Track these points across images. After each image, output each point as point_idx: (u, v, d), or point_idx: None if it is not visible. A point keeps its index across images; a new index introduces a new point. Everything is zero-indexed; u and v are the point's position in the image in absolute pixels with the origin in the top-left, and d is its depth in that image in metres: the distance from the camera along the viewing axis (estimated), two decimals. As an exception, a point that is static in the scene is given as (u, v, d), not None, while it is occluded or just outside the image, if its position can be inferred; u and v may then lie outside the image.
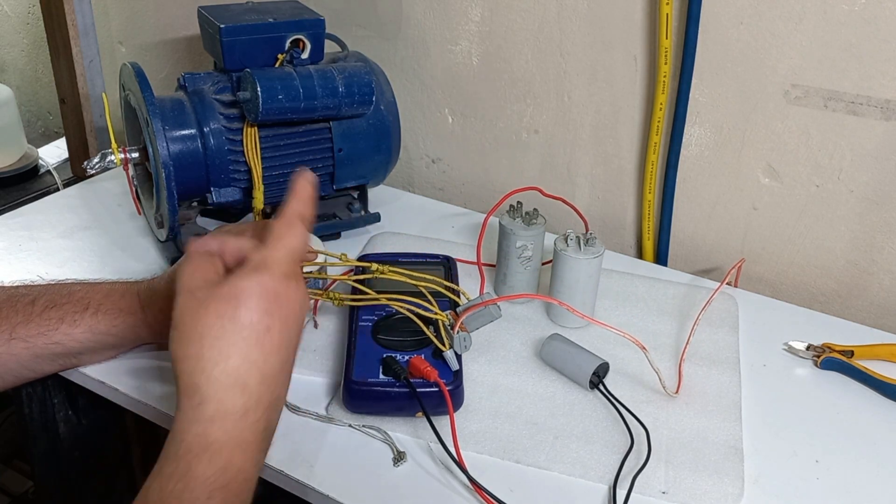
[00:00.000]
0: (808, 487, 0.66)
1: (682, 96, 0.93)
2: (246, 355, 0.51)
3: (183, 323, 0.53)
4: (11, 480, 1.56)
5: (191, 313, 0.52)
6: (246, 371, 0.51)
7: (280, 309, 0.53)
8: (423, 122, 1.15)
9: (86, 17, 1.20)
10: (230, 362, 0.51)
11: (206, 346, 0.51)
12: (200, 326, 0.52)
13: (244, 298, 0.52)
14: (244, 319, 0.51)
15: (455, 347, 0.70)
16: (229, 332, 0.51)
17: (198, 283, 0.54)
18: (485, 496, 0.62)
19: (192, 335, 0.52)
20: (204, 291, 0.53)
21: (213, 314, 0.52)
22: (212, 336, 0.51)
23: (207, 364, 0.51)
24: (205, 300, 0.52)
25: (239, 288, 0.52)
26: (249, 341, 0.51)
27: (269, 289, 0.53)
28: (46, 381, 0.93)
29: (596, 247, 0.80)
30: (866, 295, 0.93)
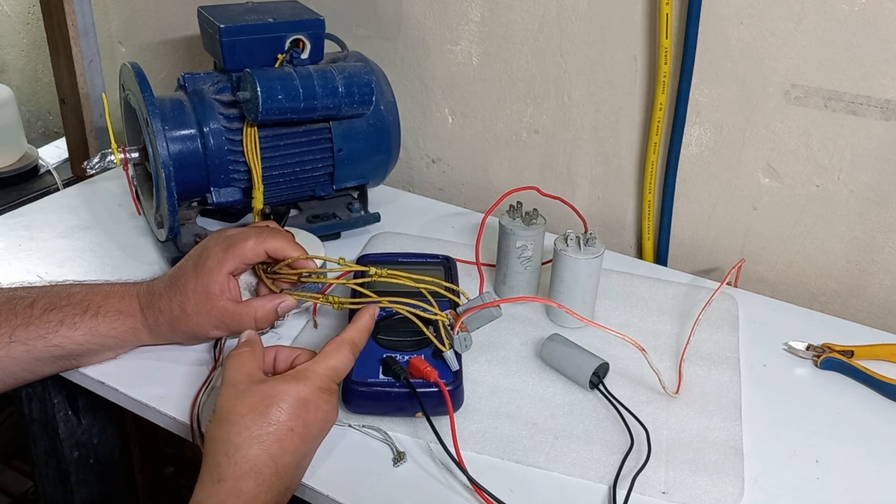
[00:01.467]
0: (808, 487, 0.66)
1: (682, 96, 0.93)
2: (266, 449, 0.58)
3: (221, 409, 0.60)
4: (11, 480, 1.56)
5: (230, 402, 0.60)
6: (263, 462, 0.57)
7: (307, 415, 0.60)
8: (423, 122, 1.15)
9: (86, 17, 1.20)
10: (251, 451, 0.57)
11: (234, 432, 0.58)
12: (234, 415, 0.58)
13: (278, 400, 0.59)
14: (272, 417, 0.58)
15: (455, 347, 0.70)
16: (257, 425, 0.58)
17: (241, 378, 0.61)
18: (485, 496, 0.62)
19: (225, 421, 0.59)
20: (245, 385, 0.61)
21: (248, 407, 0.59)
22: (241, 425, 0.58)
23: (231, 448, 0.57)
24: (243, 392, 0.60)
25: (276, 389, 0.60)
26: (272, 437, 0.58)
27: (301, 396, 0.60)
28: (46, 381, 0.93)
29: (596, 247, 0.80)
30: (866, 295, 0.93)
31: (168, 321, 0.73)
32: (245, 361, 0.63)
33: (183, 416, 0.69)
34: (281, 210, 0.83)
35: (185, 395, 0.71)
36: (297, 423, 0.59)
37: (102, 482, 1.03)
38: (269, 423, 0.58)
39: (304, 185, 0.95)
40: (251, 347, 0.65)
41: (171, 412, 0.70)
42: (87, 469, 1.00)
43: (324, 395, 0.62)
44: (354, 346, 0.67)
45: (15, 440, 1.56)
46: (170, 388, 0.72)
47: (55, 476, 0.98)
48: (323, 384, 0.62)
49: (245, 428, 0.58)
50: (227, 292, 0.73)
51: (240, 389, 0.60)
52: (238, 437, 0.57)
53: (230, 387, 0.61)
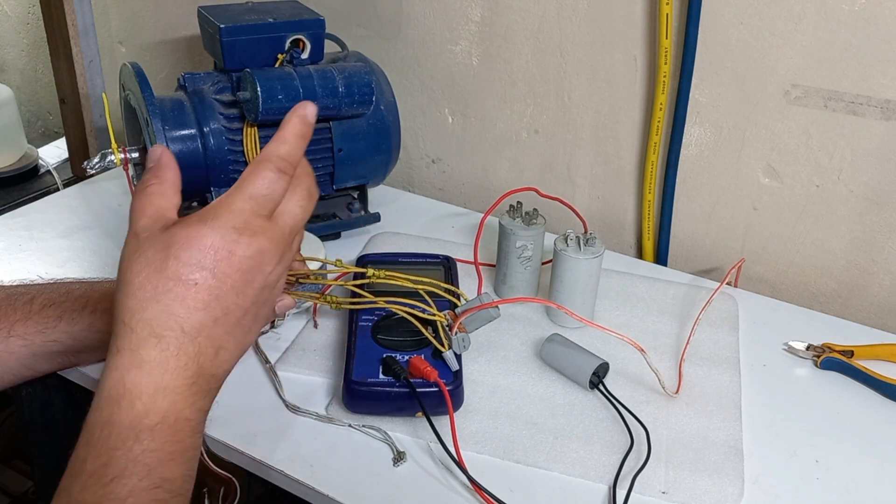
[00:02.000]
0: (808, 487, 0.66)
1: (682, 96, 0.93)
2: (165, 308, 0.48)
3: (120, 268, 0.50)
4: (11, 480, 1.56)
5: (127, 258, 0.50)
6: (163, 323, 0.49)
7: (216, 264, 0.49)
8: (423, 122, 1.16)
9: (86, 17, 1.20)
10: (147, 313, 0.49)
11: (129, 294, 0.49)
12: (130, 273, 0.49)
13: (175, 249, 0.49)
14: (170, 271, 0.49)
15: (454, 348, 0.70)
16: (152, 283, 0.49)
17: (144, 223, 0.51)
18: (485, 496, 0.62)
19: (122, 282, 0.50)
20: (147, 233, 0.50)
21: (143, 262, 0.49)
22: (135, 285, 0.49)
23: (126, 313, 0.49)
24: (141, 245, 0.50)
25: (176, 237, 0.49)
26: (170, 295, 0.48)
27: (208, 243, 0.49)
28: (47, 381, 0.93)
29: (596, 247, 0.80)
30: (866, 295, 0.93)
31: None
32: (152, 201, 0.52)
33: (183, 416, 0.69)
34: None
35: (185, 395, 0.71)
36: (204, 276, 0.49)
37: (102, 482, 1.03)
38: (167, 277, 0.48)
39: (304, 185, 0.94)
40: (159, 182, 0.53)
41: (171, 412, 0.70)
42: (87, 469, 1.00)
43: (241, 236, 0.50)
44: (280, 161, 0.53)
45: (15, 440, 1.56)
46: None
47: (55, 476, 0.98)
48: (238, 222, 0.50)
49: (140, 287, 0.48)
50: None
51: (140, 239, 0.50)
52: (132, 300, 0.49)
53: (133, 236, 0.51)
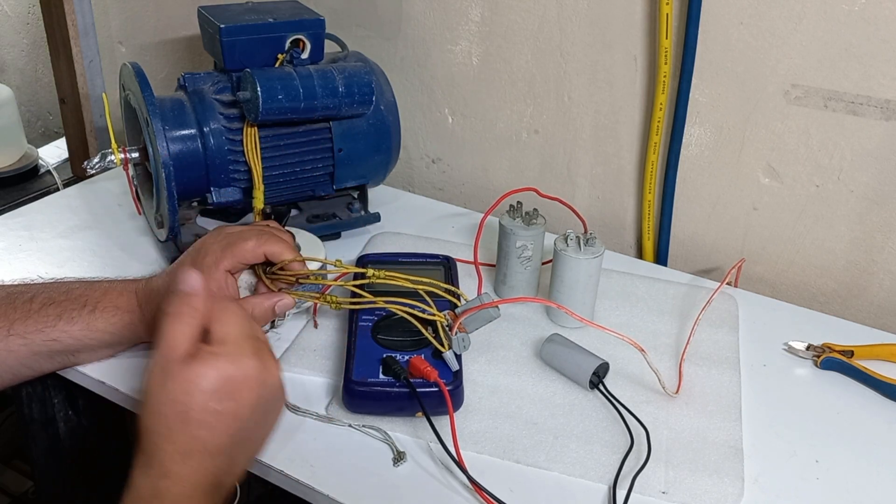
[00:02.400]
0: (808, 487, 0.66)
1: (682, 96, 0.93)
2: (193, 436, 0.55)
3: (147, 392, 0.56)
4: (11, 480, 1.56)
5: (156, 389, 0.56)
6: (190, 445, 0.55)
7: (235, 391, 0.56)
8: (423, 122, 1.15)
9: (86, 17, 1.20)
10: (177, 439, 0.54)
11: (157, 422, 0.55)
12: (157, 403, 0.55)
13: (198, 385, 0.55)
14: (195, 403, 0.55)
15: (454, 348, 0.70)
16: (180, 415, 0.55)
17: (167, 353, 0.56)
18: (485, 496, 0.62)
19: (150, 408, 0.55)
20: (170, 366, 0.56)
21: (171, 398, 0.55)
22: (164, 416, 0.55)
23: (158, 438, 0.55)
24: (167, 376, 0.55)
25: (196, 375, 0.55)
26: (195, 424, 0.55)
27: (223, 374, 0.55)
28: (46, 380, 0.93)
29: (596, 247, 0.80)
30: (866, 295, 0.93)
31: None
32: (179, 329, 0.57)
33: (183, 416, 0.69)
34: (281, 210, 0.84)
35: (185, 395, 0.71)
36: (225, 404, 0.55)
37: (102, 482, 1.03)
38: (190, 408, 0.54)
39: (304, 185, 0.95)
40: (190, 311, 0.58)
41: (171, 412, 0.70)
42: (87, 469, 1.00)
43: (248, 360, 0.57)
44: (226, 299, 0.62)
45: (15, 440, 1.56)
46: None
47: (55, 476, 0.98)
48: (240, 349, 0.57)
49: (167, 419, 0.54)
50: (225, 290, 0.72)
51: (164, 370, 0.55)
52: (163, 428, 0.54)
53: (159, 367, 0.56)
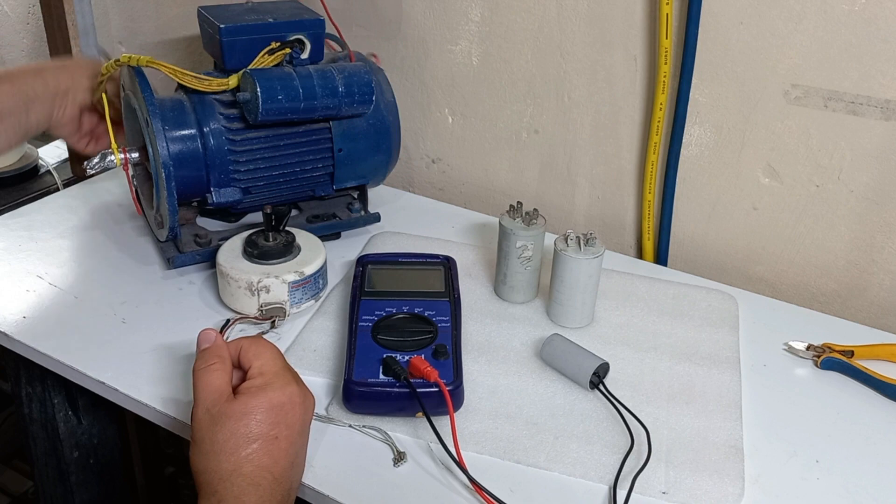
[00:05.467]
0: (808, 487, 0.66)
1: (682, 96, 0.93)
2: (258, 464, 0.57)
3: (201, 440, 0.59)
4: (11, 480, 1.56)
5: (208, 430, 0.58)
6: (259, 475, 0.57)
7: (286, 417, 0.60)
8: (423, 122, 1.15)
9: (86, 17, 1.20)
10: (244, 470, 0.57)
11: (223, 460, 0.57)
12: (217, 444, 0.58)
13: (255, 415, 0.58)
14: (255, 433, 0.58)
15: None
16: (242, 446, 0.57)
17: (213, 399, 0.60)
18: (485, 496, 0.62)
19: (209, 451, 0.58)
20: (218, 408, 0.59)
21: (228, 432, 0.58)
22: (226, 452, 0.57)
23: (223, 475, 0.57)
24: (219, 417, 0.58)
25: (250, 406, 0.59)
26: (260, 451, 0.58)
27: (276, 402, 0.59)
28: (46, 380, 0.93)
29: (596, 247, 0.80)
30: (866, 295, 0.93)
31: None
32: (215, 378, 0.61)
33: (183, 416, 0.69)
34: (282, 210, 0.84)
35: (185, 395, 0.71)
36: (280, 429, 0.59)
37: (102, 482, 1.03)
38: (253, 439, 0.58)
39: (304, 185, 0.95)
40: (221, 362, 0.63)
41: (171, 412, 0.70)
42: (87, 469, 1.00)
43: (292, 387, 0.61)
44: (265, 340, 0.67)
45: (15, 440, 1.56)
46: (170, 388, 0.72)
47: (55, 476, 0.99)
48: (284, 379, 0.61)
49: (231, 454, 0.57)
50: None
51: (213, 414, 0.59)
52: (227, 464, 0.57)
53: (205, 411, 0.59)
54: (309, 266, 0.82)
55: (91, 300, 0.84)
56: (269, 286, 0.79)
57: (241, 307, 0.81)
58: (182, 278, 0.89)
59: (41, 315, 0.81)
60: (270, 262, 0.81)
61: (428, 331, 0.74)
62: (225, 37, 0.86)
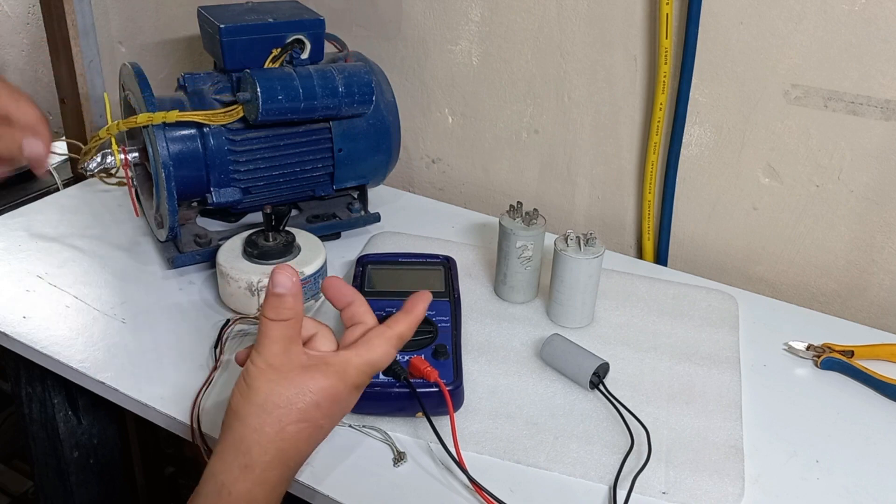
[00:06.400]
0: (808, 487, 0.66)
1: (682, 96, 0.93)
2: (296, 444, 0.56)
3: (258, 390, 0.56)
4: (11, 480, 1.56)
5: (268, 386, 0.56)
6: (292, 455, 0.56)
7: (337, 411, 0.58)
8: (423, 122, 1.15)
9: (86, 17, 1.20)
10: (283, 444, 0.55)
11: (269, 423, 0.55)
12: (270, 405, 0.55)
13: (316, 396, 0.56)
14: (308, 414, 0.56)
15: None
16: (292, 420, 0.55)
17: (282, 360, 0.57)
18: (485, 496, 0.62)
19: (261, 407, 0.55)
20: (287, 369, 0.56)
21: (285, 398, 0.56)
22: (276, 416, 0.55)
23: (264, 438, 0.55)
24: (283, 379, 0.56)
25: (317, 385, 0.56)
26: (304, 433, 0.56)
27: (337, 393, 0.57)
28: (46, 381, 0.93)
29: (596, 247, 0.80)
30: (866, 295, 0.93)
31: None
32: (288, 334, 0.57)
33: (183, 416, 0.69)
34: (282, 210, 0.84)
35: (185, 395, 0.71)
36: (327, 421, 0.58)
37: (102, 482, 1.03)
38: (304, 419, 0.56)
39: (304, 185, 0.95)
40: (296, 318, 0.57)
41: (171, 412, 0.70)
42: (87, 469, 1.00)
43: (355, 391, 0.59)
44: (401, 342, 0.61)
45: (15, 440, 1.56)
46: (170, 388, 0.72)
47: (55, 476, 0.99)
48: (359, 381, 0.59)
49: (279, 420, 0.55)
50: None
51: (281, 373, 0.56)
52: (272, 429, 0.55)
53: (269, 367, 0.56)
54: (309, 266, 0.82)
55: (91, 300, 0.84)
56: None
57: (241, 307, 0.81)
58: (182, 278, 0.89)
59: (41, 315, 0.81)
60: (270, 262, 0.81)
61: (428, 331, 0.74)
62: (225, 37, 0.86)
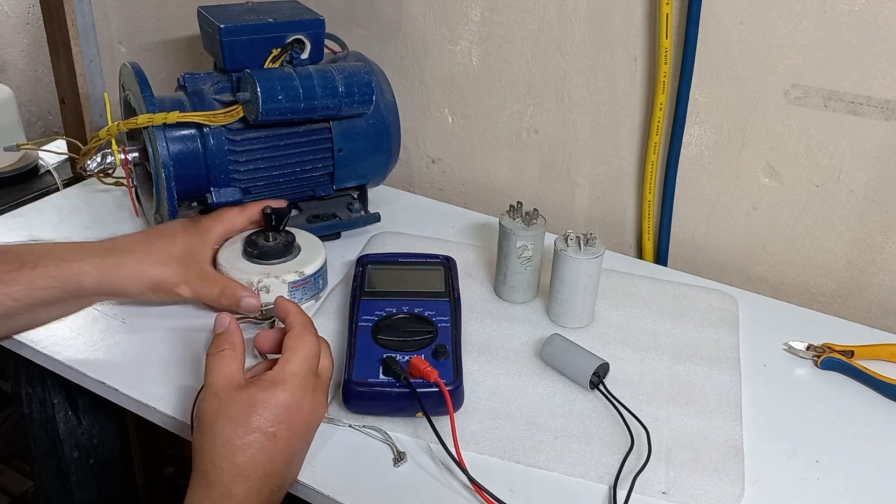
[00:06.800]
0: (808, 487, 0.66)
1: (682, 96, 0.93)
2: (252, 456, 0.58)
3: (204, 418, 0.60)
4: (11, 480, 1.56)
5: (211, 413, 0.60)
6: (251, 467, 0.58)
7: (290, 418, 0.60)
8: (423, 122, 1.15)
9: (86, 17, 1.20)
10: (237, 459, 0.58)
11: (219, 444, 0.58)
12: (217, 427, 0.59)
13: (259, 408, 0.59)
14: (253, 426, 0.59)
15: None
16: (239, 435, 0.58)
17: (222, 383, 0.61)
18: (485, 496, 0.62)
19: (208, 433, 0.59)
20: (225, 392, 0.60)
21: (229, 417, 0.59)
22: (224, 437, 0.58)
23: (216, 458, 0.58)
24: (224, 403, 0.60)
25: (256, 398, 0.60)
26: (255, 446, 0.58)
27: (282, 401, 0.60)
28: (46, 381, 0.93)
29: (596, 247, 0.80)
30: (866, 295, 0.93)
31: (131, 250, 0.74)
32: (226, 364, 0.62)
33: (183, 416, 0.69)
34: (282, 210, 0.84)
35: (185, 395, 0.71)
36: (280, 429, 0.59)
37: (102, 482, 1.03)
38: (251, 431, 0.58)
39: (304, 185, 0.95)
40: (232, 348, 0.64)
41: (171, 412, 0.70)
42: (86, 469, 1.00)
43: (306, 393, 0.62)
44: (308, 326, 0.66)
45: (15, 440, 1.56)
46: (170, 388, 0.72)
47: (55, 476, 0.99)
48: (302, 382, 0.62)
49: (227, 439, 0.58)
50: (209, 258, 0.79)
51: (221, 398, 0.60)
52: (222, 448, 0.58)
53: (212, 395, 0.61)
54: (309, 266, 0.82)
55: (91, 300, 0.84)
56: (269, 286, 0.79)
57: None
58: (182, 278, 0.89)
59: (41, 315, 0.81)
60: (270, 262, 0.81)
61: (428, 331, 0.74)
62: (225, 37, 0.86)
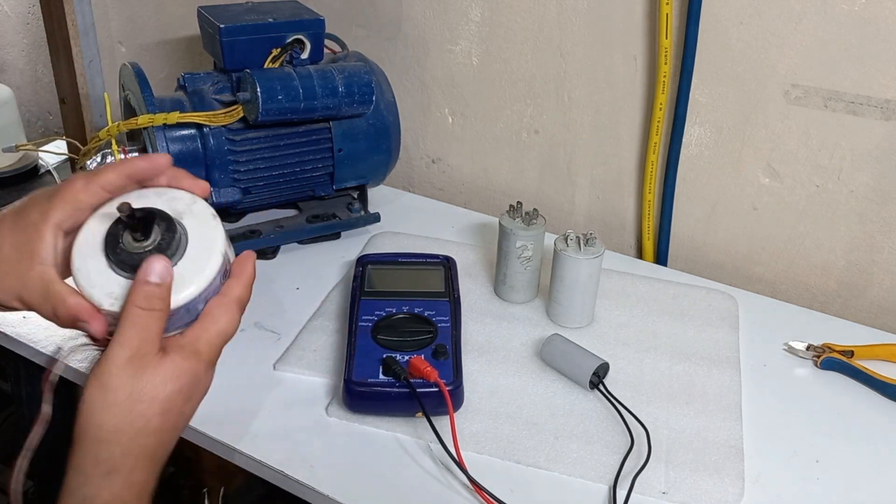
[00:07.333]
0: (808, 487, 0.66)
1: (682, 96, 0.93)
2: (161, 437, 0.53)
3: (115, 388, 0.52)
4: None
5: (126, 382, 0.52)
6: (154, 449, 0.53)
7: (197, 393, 0.55)
8: (423, 122, 1.15)
9: (86, 17, 1.20)
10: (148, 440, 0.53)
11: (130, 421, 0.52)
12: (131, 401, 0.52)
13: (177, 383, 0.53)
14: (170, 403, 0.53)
15: None
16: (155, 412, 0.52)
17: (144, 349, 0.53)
18: (485, 496, 0.62)
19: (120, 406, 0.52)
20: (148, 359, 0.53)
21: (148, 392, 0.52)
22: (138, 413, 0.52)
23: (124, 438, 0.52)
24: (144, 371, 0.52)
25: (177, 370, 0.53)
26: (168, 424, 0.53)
27: (197, 373, 0.54)
28: (46, 381, 0.93)
29: (596, 247, 0.80)
30: (866, 295, 0.93)
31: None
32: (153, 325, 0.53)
33: (183, 416, 0.69)
34: (150, 212, 0.49)
35: (185, 395, 0.71)
36: (188, 406, 0.54)
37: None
38: (168, 409, 0.53)
39: (304, 185, 0.95)
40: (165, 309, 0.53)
41: (171, 412, 0.70)
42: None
43: (210, 368, 0.56)
44: (242, 306, 0.57)
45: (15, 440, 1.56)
46: (170, 388, 0.72)
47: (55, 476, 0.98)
48: (212, 356, 0.55)
49: (142, 416, 0.52)
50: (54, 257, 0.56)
51: (141, 365, 0.52)
52: (133, 428, 0.52)
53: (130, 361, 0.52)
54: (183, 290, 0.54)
55: (91, 300, 0.84)
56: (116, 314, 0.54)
57: None
58: (182, 278, 0.88)
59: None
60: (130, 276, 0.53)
61: (428, 331, 0.74)
62: (225, 37, 0.86)
